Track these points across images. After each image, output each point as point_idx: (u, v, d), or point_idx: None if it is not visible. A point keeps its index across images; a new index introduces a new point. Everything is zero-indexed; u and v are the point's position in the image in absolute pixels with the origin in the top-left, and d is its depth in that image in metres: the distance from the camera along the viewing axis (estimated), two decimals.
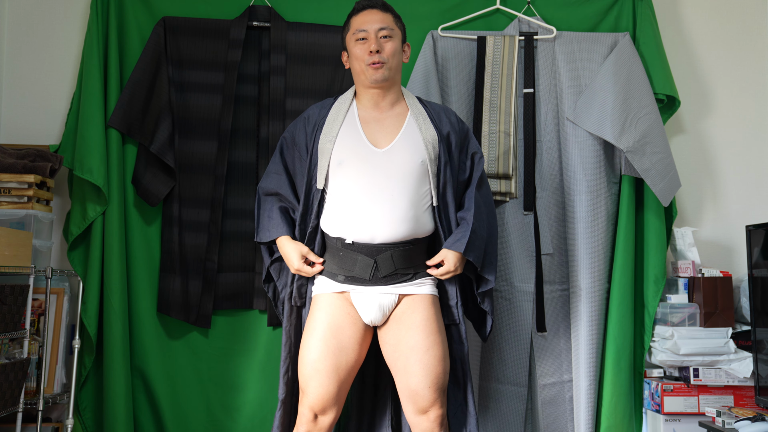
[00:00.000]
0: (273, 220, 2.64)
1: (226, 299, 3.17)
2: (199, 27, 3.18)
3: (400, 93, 2.68)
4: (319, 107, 2.70)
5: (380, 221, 2.50)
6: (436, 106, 2.72)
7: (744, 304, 3.11)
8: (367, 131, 2.59)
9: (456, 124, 2.70)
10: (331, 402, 2.47)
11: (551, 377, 3.18)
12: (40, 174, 2.94)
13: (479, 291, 2.65)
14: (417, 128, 2.60)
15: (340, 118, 2.61)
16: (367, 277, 2.51)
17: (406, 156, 2.55)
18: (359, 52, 2.59)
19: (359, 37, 2.60)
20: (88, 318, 3.02)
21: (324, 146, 2.58)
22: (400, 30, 2.65)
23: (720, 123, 3.46)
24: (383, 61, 2.57)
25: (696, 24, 3.48)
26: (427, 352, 2.47)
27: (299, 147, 2.67)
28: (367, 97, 2.64)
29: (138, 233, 3.15)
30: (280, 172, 2.70)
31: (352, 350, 2.50)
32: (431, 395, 2.46)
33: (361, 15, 2.62)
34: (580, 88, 3.20)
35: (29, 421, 2.87)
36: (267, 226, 2.66)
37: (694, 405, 3.02)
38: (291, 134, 2.72)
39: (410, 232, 2.53)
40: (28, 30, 3.31)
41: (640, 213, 3.22)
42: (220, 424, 3.16)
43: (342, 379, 2.48)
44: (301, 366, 2.51)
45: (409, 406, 2.49)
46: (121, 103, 3.09)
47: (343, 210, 2.54)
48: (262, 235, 2.68)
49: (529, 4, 3.30)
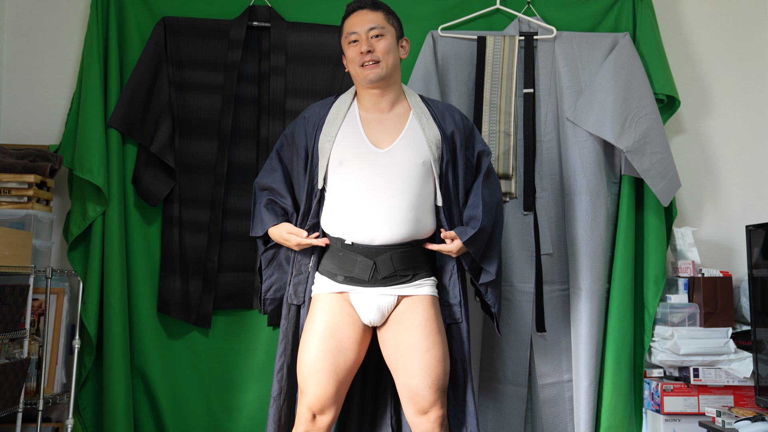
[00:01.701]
0: (264, 214, 2.66)
1: (226, 299, 3.17)
2: (199, 27, 3.18)
3: (400, 91, 2.67)
4: (320, 106, 2.69)
5: (380, 223, 2.50)
6: (439, 104, 2.71)
7: (744, 304, 3.11)
8: (368, 131, 2.58)
9: (460, 121, 2.68)
10: (330, 402, 2.46)
11: (551, 377, 3.18)
12: (40, 174, 2.94)
13: (480, 282, 2.65)
14: (420, 128, 2.59)
15: (339, 117, 2.61)
16: (366, 278, 2.50)
17: (408, 156, 2.54)
18: (352, 55, 2.59)
19: (351, 39, 2.59)
20: (88, 318, 3.02)
21: (323, 146, 2.58)
22: (393, 27, 2.63)
23: (720, 123, 3.46)
24: (376, 59, 2.55)
25: (696, 24, 3.48)
26: (427, 352, 2.47)
27: (297, 146, 2.67)
28: (367, 98, 2.63)
29: (138, 233, 3.15)
30: (276, 168, 2.71)
31: (351, 350, 2.50)
32: (431, 396, 2.45)
33: (351, 17, 2.62)
34: (580, 88, 3.20)
35: (29, 421, 2.87)
36: (259, 219, 2.68)
37: (694, 405, 3.02)
38: (291, 132, 2.72)
39: (410, 233, 2.52)
40: (28, 30, 3.31)
41: (640, 213, 3.22)
42: (220, 424, 3.16)
43: (341, 379, 2.48)
44: (300, 366, 2.50)
45: (409, 406, 2.48)
46: (121, 103, 3.08)
47: (343, 210, 2.54)
48: (256, 228, 2.70)
49: (529, 4, 3.30)
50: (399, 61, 2.64)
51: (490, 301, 2.68)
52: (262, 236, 2.70)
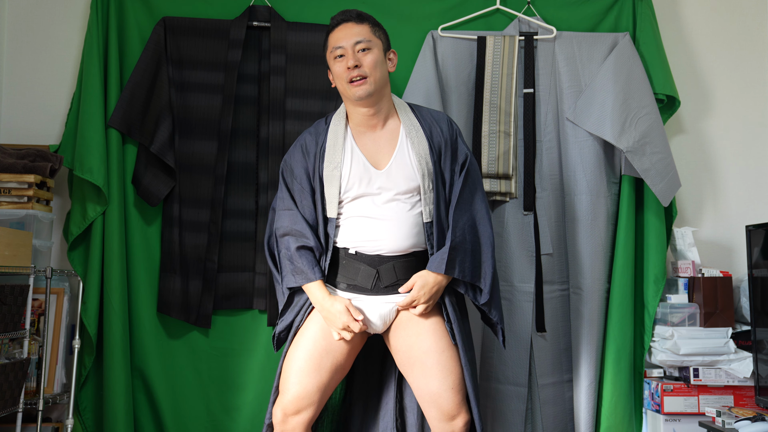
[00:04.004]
0: (298, 263, 2.49)
1: (226, 299, 3.17)
2: (199, 27, 3.18)
3: (391, 105, 2.60)
4: (314, 134, 2.60)
5: (385, 239, 2.49)
6: (427, 115, 2.62)
7: (744, 304, 3.11)
8: (366, 152, 2.54)
9: (447, 131, 2.60)
10: (306, 402, 2.42)
11: (551, 377, 3.18)
12: (40, 174, 2.94)
13: (480, 303, 2.55)
14: (410, 144, 2.54)
15: (339, 142, 2.54)
16: (368, 287, 2.50)
17: (404, 174, 2.52)
18: (339, 70, 2.50)
19: (336, 54, 2.51)
20: (88, 318, 3.02)
21: (331, 173, 2.51)
22: (380, 39, 2.54)
23: (720, 123, 3.46)
24: (364, 75, 2.47)
25: (696, 24, 3.48)
26: (443, 353, 2.44)
27: (299, 179, 2.57)
28: (358, 116, 2.56)
29: (138, 233, 3.15)
30: (291, 207, 2.56)
31: (340, 354, 2.48)
32: (455, 397, 2.40)
33: (336, 31, 2.53)
34: (580, 88, 3.20)
35: (29, 421, 2.87)
36: (292, 269, 2.50)
37: (694, 405, 3.02)
38: (289, 166, 2.61)
39: (414, 245, 2.52)
40: (28, 30, 3.31)
41: (640, 213, 3.22)
42: (220, 424, 3.16)
43: (323, 381, 2.44)
44: (286, 364, 2.48)
45: (432, 411, 2.42)
46: (121, 103, 3.09)
47: (350, 228, 2.52)
48: (288, 280, 2.51)
49: (529, 4, 3.30)
50: (387, 74, 2.56)
51: (495, 318, 2.58)
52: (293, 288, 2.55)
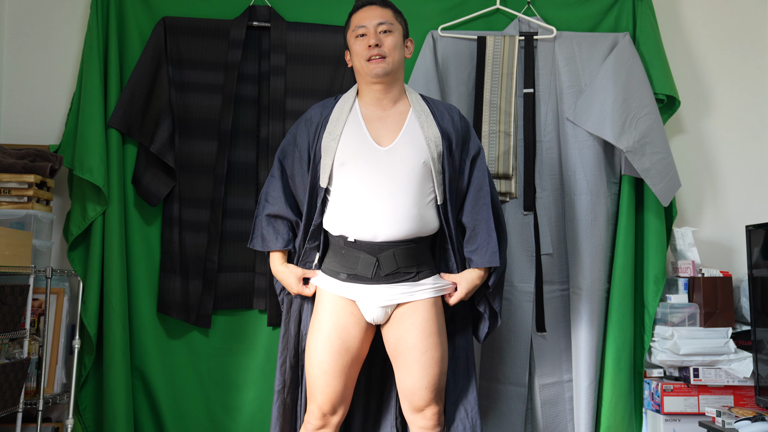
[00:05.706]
0: (265, 230, 2.65)
1: (226, 299, 3.17)
2: (199, 27, 3.18)
3: (402, 90, 2.66)
4: (321, 107, 2.68)
5: (382, 219, 2.50)
6: (439, 104, 2.70)
7: (744, 304, 3.11)
8: (371, 129, 2.58)
9: (458, 122, 2.68)
10: (339, 401, 2.51)
11: (551, 377, 3.18)
12: (40, 174, 2.94)
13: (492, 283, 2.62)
14: (419, 126, 2.59)
15: (343, 116, 2.60)
16: (369, 276, 2.51)
17: (409, 154, 2.54)
18: (359, 48, 2.58)
19: (359, 33, 2.59)
20: (88, 318, 3.02)
21: (328, 144, 2.57)
22: (400, 25, 2.64)
23: (720, 123, 3.46)
24: (383, 54, 2.55)
25: (696, 24, 3.48)
26: (425, 353, 2.49)
27: (300, 148, 2.65)
28: (370, 94, 2.62)
29: (138, 233, 3.15)
30: (275, 174, 2.69)
31: (356, 349, 2.52)
32: (427, 395, 2.50)
33: (361, 12, 2.62)
34: (580, 89, 3.20)
35: (29, 421, 2.87)
36: (259, 234, 2.67)
37: (694, 405, 3.02)
38: (293, 135, 2.70)
39: (413, 230, 2.52)
40: (28, 30, 3.31)
41: (640, 213, 3.22)
42: (220, 424, 3.17)
43: (348, 378, 2.52)
44: (308, 367, 2.53)
45: (405, 403, 2.54)
46: (121, 103, 3.09)
47: (346, 208, 2.54)
48: (255, 242, 2.68)
49: (529, 4, 3.30)
50: (403, 59, 2.64)
51: (497, 307, 2.67)
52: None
